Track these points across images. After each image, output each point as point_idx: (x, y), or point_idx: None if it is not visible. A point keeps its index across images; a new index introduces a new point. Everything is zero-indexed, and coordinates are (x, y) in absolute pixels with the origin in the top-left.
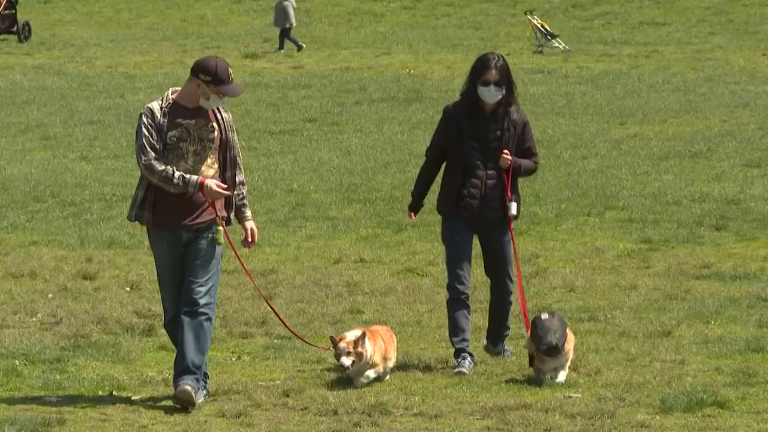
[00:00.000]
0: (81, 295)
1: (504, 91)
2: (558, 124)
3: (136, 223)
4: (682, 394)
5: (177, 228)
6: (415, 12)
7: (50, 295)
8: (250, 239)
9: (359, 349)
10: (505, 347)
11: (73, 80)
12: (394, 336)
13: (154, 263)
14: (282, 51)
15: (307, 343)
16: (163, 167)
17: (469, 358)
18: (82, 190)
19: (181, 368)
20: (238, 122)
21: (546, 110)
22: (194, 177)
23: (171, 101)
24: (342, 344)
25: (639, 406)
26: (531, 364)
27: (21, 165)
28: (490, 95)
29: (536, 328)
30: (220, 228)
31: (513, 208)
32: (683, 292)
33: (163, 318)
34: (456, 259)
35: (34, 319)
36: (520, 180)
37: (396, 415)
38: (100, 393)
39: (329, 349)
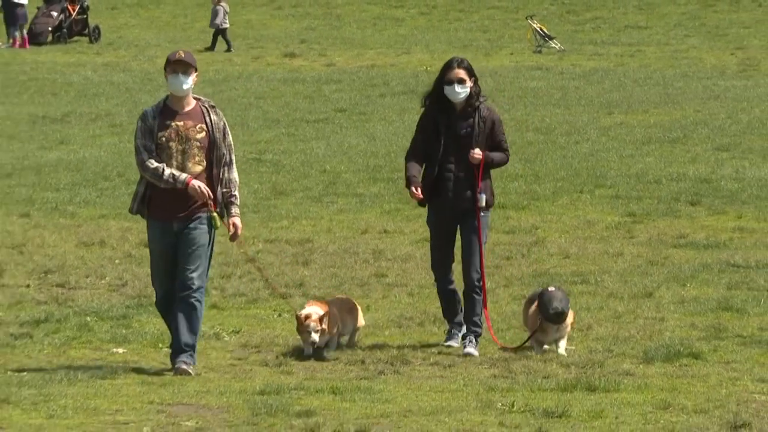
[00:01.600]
0: (143, 261)
1: (468, 89)
2: (554, 114)
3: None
4: (662, 346)
5: (169, 219)
6: (431, 17)
7: (117, 261)
8: (231, 232)
9: (324, 326)
10: (472, 350)
11: (136, 76)
12: (354, 304)
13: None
14: (213, 50)
15: (292, 307)
16: (154, 165)
17: (457, 335)
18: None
19: (176, 348)
20: (279, 112)
21: (544, 102)
22: (183, 175)
23: (162, 105)
24: (312, 323)
25: (625, 357)
26: (529, 338)
27: (92, 149)
28: (454, 93)
29: (543, 298)
30: (215, 213)
31: (482, 200)
32: (663, 259)
33: (154, 297)
34: (437, 245)
35: (103, 281)
36: (506, 168)
37: (415, 365)
38: (160, 345)
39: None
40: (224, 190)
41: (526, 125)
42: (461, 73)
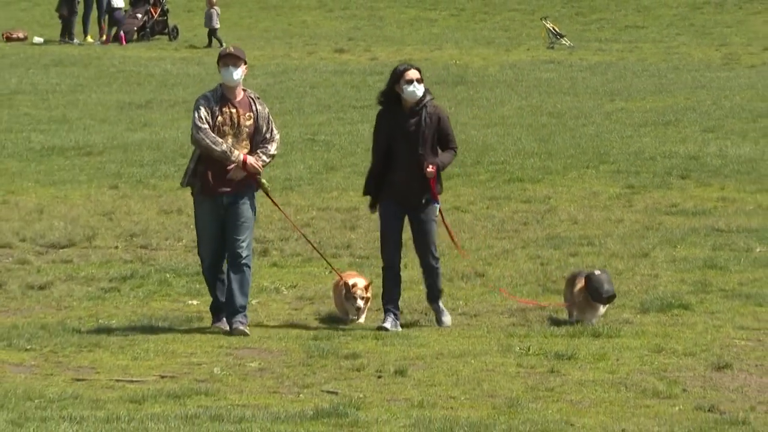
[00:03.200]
0: None
1: (423, 87)
2: (565, 100)
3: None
4: (656, 299)
5: (218, 194)
6: (460, 18)
7: (192, 226)
8: (249, 160)
9: (368, 294)
10: (442, 309)
11: (209, 68)
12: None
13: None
14: (211, 47)
15: (333, 269)
16: (213, 135)
17: (392, 317)
18: None
19: (232, 310)
20: (330, 99)
21: (556, 90)
22: (236, 152)
23: (220, 93)
24: (359, 291)
25: (624, 308)
26: (570, 316)
27: (171, 131)
28: (414, 91)
29: (592, 282)
30: (264, 181)
31: (436, 209)
32: (657, 224)
33: (201, 266)
34: (386, 235)
35: (180, 243)
36: (524, 147)
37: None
38: None
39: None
40: (263, 156)
41: (541, 110)
42: (417, 74)
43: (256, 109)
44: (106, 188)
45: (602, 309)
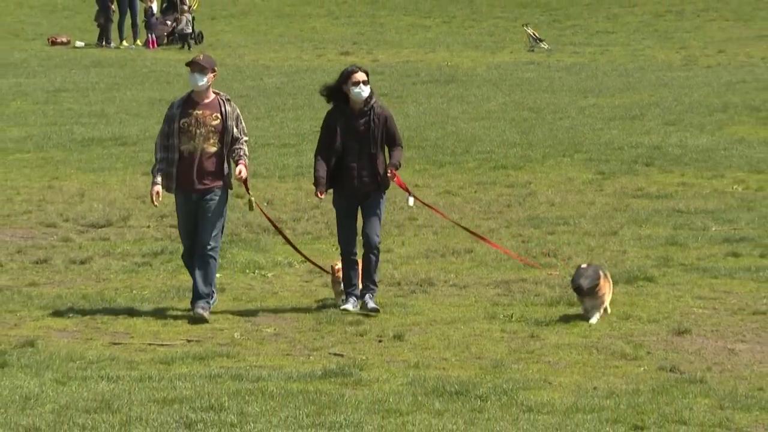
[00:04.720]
0: (235, 208)
1: (369, 88)
2: (543, 97)
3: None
4: (624, 272)
5: (190, 191)
6: (451, 25)
7: None
8: (238, 171)
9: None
10: (372, 304)
11: (229, 69)
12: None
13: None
14: (189, 50)
15: (314, 264)
16: (160, 154)
17: (353, 299)
18: None
19: (195, 296)
20: None
21: (536, 88)
22: (153, 186)
23: (186, 96)
24: (340, 273)
25: None
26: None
27: None
28: (360, 92)
29: (575, 273)
30: (252, 198)
31: (410, 200)
32: (625, 206)
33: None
34: (343, 224)
35: None
36: (507, 138)
37: (438, 286)
38: (247, 271)
39: (327, 272)
40: (234, 156)
41: (522, 106)
42: (363, 76)
43: (225, 110)
44: (139, 174)
45: (589, 303)
